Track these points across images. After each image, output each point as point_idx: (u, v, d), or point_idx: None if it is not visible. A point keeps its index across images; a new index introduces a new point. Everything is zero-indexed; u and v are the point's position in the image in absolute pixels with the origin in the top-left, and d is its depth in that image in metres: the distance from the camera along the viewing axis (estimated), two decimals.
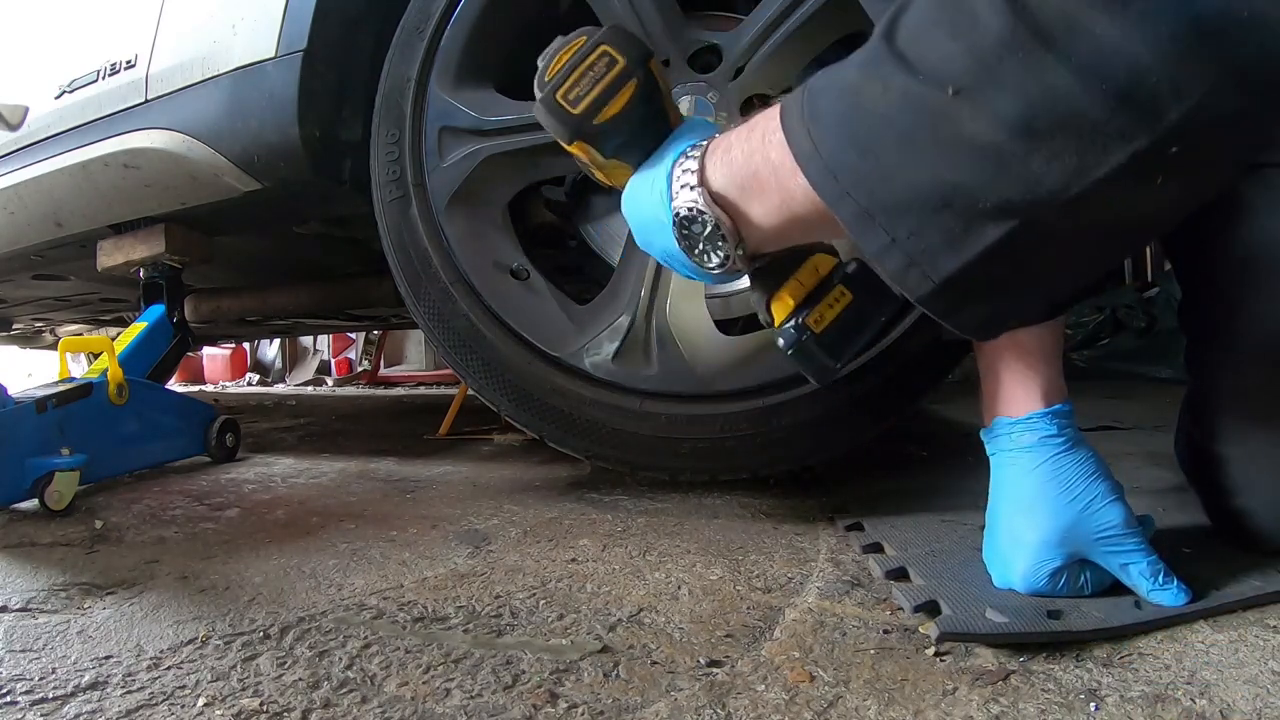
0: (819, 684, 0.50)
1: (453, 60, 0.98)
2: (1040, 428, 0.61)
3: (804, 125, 0.48)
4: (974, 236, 0.44)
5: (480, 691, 0.50)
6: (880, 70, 0.45)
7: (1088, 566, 0.59)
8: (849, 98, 0.46)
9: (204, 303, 1.80)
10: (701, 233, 0.56)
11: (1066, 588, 0.59)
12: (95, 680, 0.53)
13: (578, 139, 0.61)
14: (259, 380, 5.03)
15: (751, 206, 0.54)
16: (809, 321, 0.61)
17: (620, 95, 0.60)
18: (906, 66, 0.43)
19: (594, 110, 0.59)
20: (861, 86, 0.46)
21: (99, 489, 1.18)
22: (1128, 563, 0.58)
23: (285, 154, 1.12)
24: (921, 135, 0.43)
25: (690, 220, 0.56)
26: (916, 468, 1.19)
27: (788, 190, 0.51)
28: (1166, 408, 0.78)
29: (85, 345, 1.32)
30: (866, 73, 0.46)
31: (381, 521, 0.96)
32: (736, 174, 0.54)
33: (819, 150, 0.47)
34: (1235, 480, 0.68)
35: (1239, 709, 0.45)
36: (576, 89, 0.59)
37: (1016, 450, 0.62)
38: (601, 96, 0.59)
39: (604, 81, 0.59)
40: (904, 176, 0.44)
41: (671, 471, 0.95)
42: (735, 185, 0.54)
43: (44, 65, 1.43)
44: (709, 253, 0.57)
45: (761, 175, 0.52)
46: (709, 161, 0.55)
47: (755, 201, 0.53)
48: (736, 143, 0.54)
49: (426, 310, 0.98)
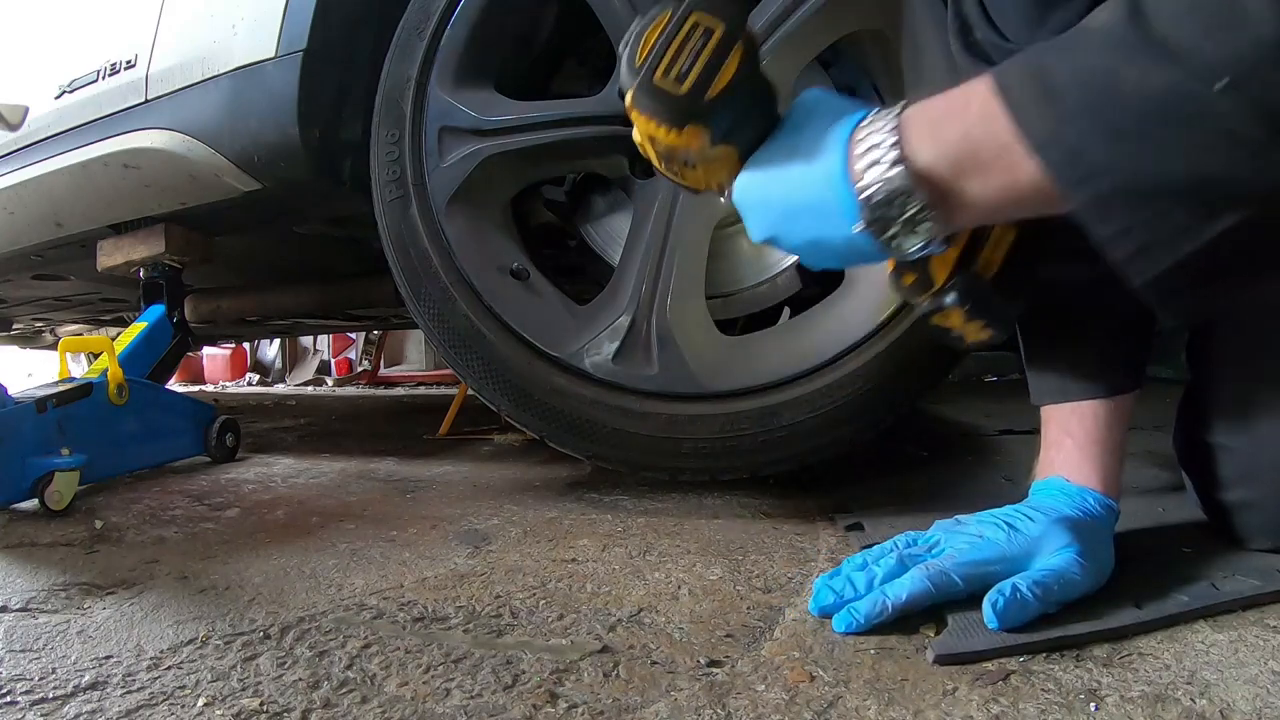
0: (819, 684, 0.50)
1: (453, 60, 0.98)
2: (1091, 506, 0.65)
3: (1037, 105, 0.45)
4: (1211, 223, 0.43)
5: (480, 691, 0.50)
6: (1136, 55, 0.43)
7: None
8: (1099, 79, 0.44)
9: (204, 303, 1.80)
10: (899, 216, 0.50)
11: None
12: (95, 680, 0.53)
13: (690, 121, 0.54)
14: (259, 380, 5.03)
15: (969, 185, 0.49)
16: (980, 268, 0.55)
17: (728, 65, 0.53)
18: (1169, 55, 0.42)
19: (702, 86, 0.52)
20: (1114, 71, 0.43)
21: (99, 489, 1.18)
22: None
23: (285, 154, 1.12)
24: (1181, 126, 0.42)
25: (887, 202, 0.50)
26: (916, 468, 1.19)
27: (1014, 170, 0.47)
28: (1166, 408, 0.78)
29: (85, 345, 1.32)
30: (1119, 57, 0.43)
31: (381, 521, 0.96)
32: (952, 151, 0.49)
33: (1059, 133, 0.45)
34: (1235, 472, 0.68)
35: (1239, 709, 0.45)
36: (676, 67, 0.53)
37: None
38: (707, 70, 0.52)
39: (706, 53, 0.53)
40: (1157, 166, 0.43)
41: (671, 471, 0.95)
42: (949, 162, 0.49)
43: (44, 65, 1.43)
44: (905, 237, 0.51)
45: (984, 154, 0.48)
46: (910, 134, 0.50)
47: (974, 180, 0.49)
48: (946, 117, 0.50)
49: (426, 310, 0.98)
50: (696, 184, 0.61)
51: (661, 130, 0.55)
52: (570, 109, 0.97)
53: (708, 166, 0.58)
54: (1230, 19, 0.40)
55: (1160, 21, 0.42)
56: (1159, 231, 0.45)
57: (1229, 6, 0.40)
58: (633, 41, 0.55)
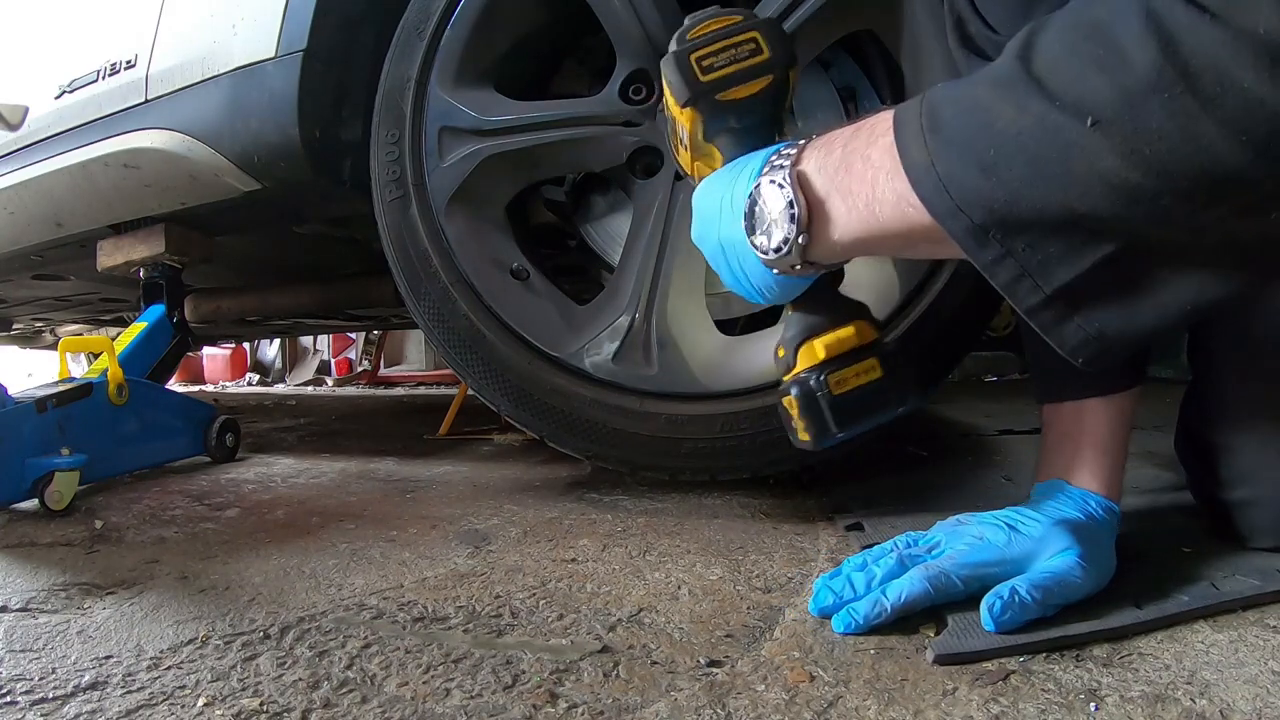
0: (819, 684, 0.50)
1: (453, 60, 0.98)
2: (1092, 508, 0.65)
3: (920, 135, 0.47)
4: (1090, 249, 0.44)
5: (480, 691, 0.50)
6: (1015, 92, 0.44)
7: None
8: (978, 115, 0.45)
9: (204, 303, 1.80)
10: (770, 212, 0.54)
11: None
12: (95, 680, 0.53)
13: (692, 105, 0.59)
14: (259, 380, 5.03)
15: (835, 201, 0.52)
16: (830, 380, 0.59)
17: (752, 84, 0.58)
18: (1045, 93, 0.42)
19: (720, 85, 0.58)
20: (992, 105, 0.45)
21: (99, 489, 1.18)
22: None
23: (285, 154, 1.12)
24: (1053, 163, 0.42)
25: (766, 198, 0.54)
26: (916, 468, 1.19)
27: (878, 192, 0.50)
28: (1166, 408, 0.78)
29: (85, 345, 1.32)
30: (999, 93, 0.45)
31: (381, 521, 0.96)
32: (830, 164, 0.52)
33: (935, 163, 0.46)
34: (1238, 471, 0.68)
35: (1239, 709, 0.45)
36: (713, 59, 0.58)
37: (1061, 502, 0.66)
38: (733, 76, 0.58)
39: (742, 64, 0.58)
40: (1029, 200, 0.44)
41: (671, 471, 0.95)
42: (825, 174, 0.53)
43: (44, 65, 1.43)
44: (771, 230, 0.54)
45: (855, 169, 0.51)
46: (808, 150, 0.54)
47: (841, 197, 0.52)
48: (839, 138, 0.53)
49: (426, 310, 0.98)
50: (684, 164, 0.65)
51: (671, 100, 0.61)
52: (570, 109, 0.97)
53: (696, 155, 0.62)
54: (1108, 59, 0.40)
55: (1043, 59, 0.43)
56: (1035, 259, 0.45)
57: (1108, 47, 0.40)
58: (699, 18, 0.60)
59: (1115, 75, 0.40)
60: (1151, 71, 0.39)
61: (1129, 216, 0.42)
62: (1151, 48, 0.39)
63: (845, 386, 0.59)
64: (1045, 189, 0.43)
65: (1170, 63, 0.38)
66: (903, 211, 0.49)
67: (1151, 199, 0.41)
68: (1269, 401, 0.67)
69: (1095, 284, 0.45)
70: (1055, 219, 0.44)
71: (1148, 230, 0.42)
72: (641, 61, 0.93)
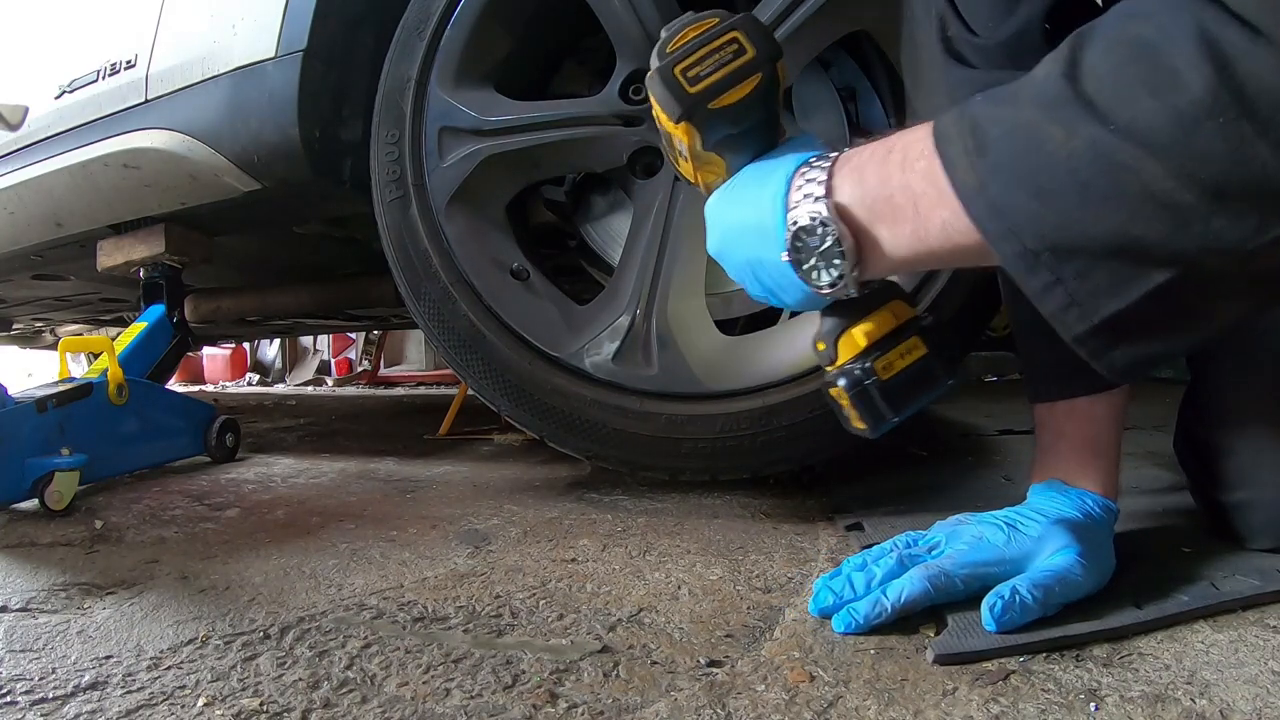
0: (819, 684, 0.50)
1: (453, 60, 0.98)
2: (1090, 507, 0.65)
3: (967, 157, 0.46)
4: (1140, 280, 0.43)
5: (480, 691, 0.50)
6: (1064, 113, 0.43)
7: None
8: (1026, 137, 0.44)
9: (204, 303, 1.80)
10: (818, 247, 0.52)
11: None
12: (95, 680, 0.53)
13: (686, 120, 0.57)
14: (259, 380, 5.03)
15: (880, 230, 0.51)
16: (877, 366, 0.57)
17: (741, 87, 0.56)
18: (1095, 115, 0.42)
19: (711, 94, 0.56)
20: (1041, 127, 0.44)
21: (99, 489, 1.18)
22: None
23: (285, 154, 1.12)
24: (1105, 187, 0.42)
25: (809, 231, 0.52)
26: (916, 468, 1.19)
27: (926, 220, 0.49)
28: (1167, 408, 0.78)
29: (85, 345, 1.32)
30: (1048, 114, 0.44)
31: (381, 521, 0.96)
32: (868, 195, 0.51)
33: (985, 187, 0.45)
34: (1236, 472, 0.68)
35: (1239, 709, 0.45)
36: (698, 68, 0.56)
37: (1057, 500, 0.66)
38: (722, 82, 0.56)
39: (728, 68, 0.56)
40: (1080, 225, 0.43)
41: (671, 471, 0.95)
42: (865, 206, 0.51)
43: (44, 65, 1.43)
44: (821, 270, 0.53)
45: (897, 201, 0.50)
46: (838, 175, 0.52)
47: (885, 226, 0.51)
48: (870, 162, 0.52)
49: (426, 310, 0.98)
50: (687, 175, 0.64)
51: (663, 117, 0.59)
52: (570, 109, 0.97)
53: (698, 165, 0.61)
54: (1161, 82, 0.40)
55: (1091, 80, 0.42)
56: (1085, 288, 0.45)
57: (1161, 69, 0.40)
58: (675, 29, 0.58)
59: (1168, 98, 0.39)
60: (1206, 96, 0.38)
61: (1180, 241, 0.41)
62: (1206, 71, 0.38)
63: (893, 370, 0.58)
64: (1097, 213, 0.42)
65: (1225, 87, 0.38)
66: (950, 235, 0.48)
67: (1204, 221, 0.40)
68: (1267, 404, 0.67)
69: (1142, 314, 0.44)
70: (1106, 245, 0.43)
71: (1197, 257, 0.42)
72: (641, 61, 0.93)
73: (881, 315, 0.58)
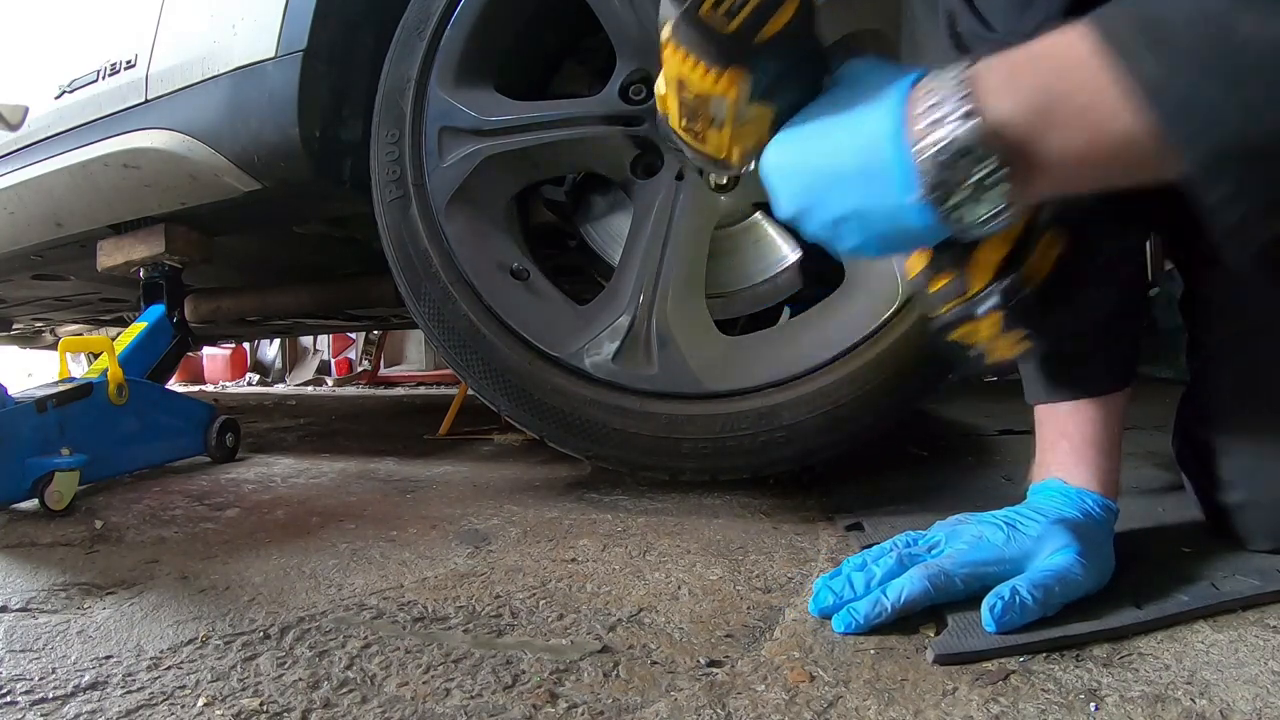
0: (819, 684, 0.50)
1: (453, 60, 0.98)
2: (1090, 507, 0.65)
3: (1151, 50, 0.41)
4: None
5: (480, 691, 0.50)
6: (1252, 1, 0.40)
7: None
8: (1213, 26, 0.41)
9: (204, 303, 1.81)
10: (967, 177, 0.45)
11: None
12: (95, 680, 0.53)
13: (732, 64, 0.48)
14: (259, 380, 5.03)
15: (1053, 139, 0.44)
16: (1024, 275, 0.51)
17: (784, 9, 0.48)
18: None
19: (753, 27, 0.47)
20: (1231, 14, 0.40)
21: (99, 489, 1.18)
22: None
23: (285, 154, 1.12)
24: None
25: (952, 162, 0.44)
26: (916, 468, 1.19)
27: (1109, 121, 0.42)
28: (1167, 408, 0.78)
29: (85, 345, 1.32)
30: (1233, 2, 0.40)
31: (381, 521, 0.96)
32: (1036, 100, 0.44)
33: (1173, 81, 0.40)
34: (1235, 473, 0.68)
35: (1239, 709, 0.45)
36: (728, 2, 0.47)
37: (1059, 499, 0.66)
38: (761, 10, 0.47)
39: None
40: (1275, 119, 0.40)
41: (671, 471, 0.95)
42: (1032, 112, 0.44)
43: (44, 65, 1.43)
44: (972, 205, 0.45)
45: (1076, 101, 0.43)
46: (985, 86, 0.44)
47: (1059, 133, 0.44)
48: (1027, 65, 0.45)
49: (426, 310, 0.98)
50: (717, 150, 0.54)
51: (698, 71, 0.49)
52: (570, 109, 0.97)
53: (737, 128, 0.52)
54: None
55: None
56: (1272, 194, 0.41)
57: None
58: None
59: None
60: None
61: None
62: None
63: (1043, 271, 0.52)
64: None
65: None
66: (1127, 143, 0.43)
67: None
68: (1266, 404, 0.67)
69: None
70: None
71: None
72: (642, 61, 0.93)
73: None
